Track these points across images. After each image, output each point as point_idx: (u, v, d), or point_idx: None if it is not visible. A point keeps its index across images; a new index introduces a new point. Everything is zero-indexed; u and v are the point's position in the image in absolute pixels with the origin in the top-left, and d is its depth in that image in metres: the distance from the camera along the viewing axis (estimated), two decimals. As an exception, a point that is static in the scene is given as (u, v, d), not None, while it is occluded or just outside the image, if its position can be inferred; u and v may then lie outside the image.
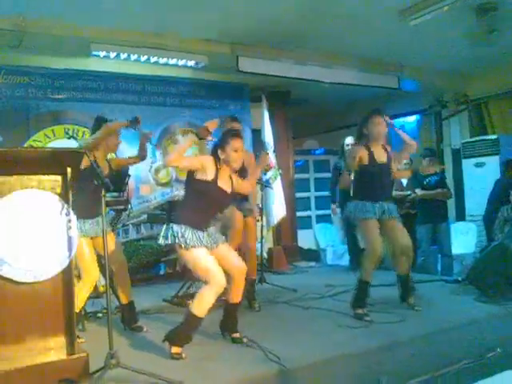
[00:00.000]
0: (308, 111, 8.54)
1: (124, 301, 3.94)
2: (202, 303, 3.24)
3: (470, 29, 5.24)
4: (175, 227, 3.29)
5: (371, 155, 4.10)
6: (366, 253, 4.11)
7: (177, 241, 3.26)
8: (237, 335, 3.56)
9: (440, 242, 6.26)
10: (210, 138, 3.47)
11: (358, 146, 4.18)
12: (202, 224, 3.35)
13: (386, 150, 4.22)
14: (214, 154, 3.45)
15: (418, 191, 6.30)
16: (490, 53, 6.38)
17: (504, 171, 6.62)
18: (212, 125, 3.49)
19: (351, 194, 4.37)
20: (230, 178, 3.53)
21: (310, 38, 5.79)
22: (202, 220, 3.37)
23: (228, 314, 3.60)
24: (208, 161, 3.40)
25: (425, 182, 6.36)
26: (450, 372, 3.31)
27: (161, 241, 3.35)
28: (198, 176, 3.37)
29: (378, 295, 4.66)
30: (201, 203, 3.37)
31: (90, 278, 3.64)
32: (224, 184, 3.45)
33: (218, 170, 3.40)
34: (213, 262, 3.28)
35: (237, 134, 3.51)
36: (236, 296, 3.54)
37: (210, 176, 3.36)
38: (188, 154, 3.52)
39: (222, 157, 3.42)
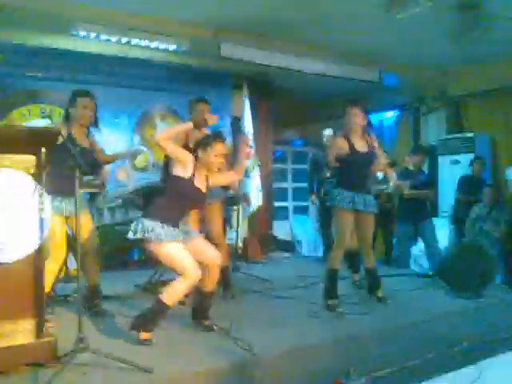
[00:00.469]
0: (289, 101, 8.52)
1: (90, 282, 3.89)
2: (174, 293, 3.24)
3: (452, 25, 5.27)
4: (146, 222, 3.25)
5: (351, 145, 4.11)
6: (336, 242, 4.16)
7: (146, 235, 3.21)
8: (208, 322, 3.56)
9: (427, 241, 6.13)
10: (204, 130, 3.43)
11: (338, 136, 4.22)
12: (173, 220, 3.32)
13: (366, 140, 4.23)
14: (194, 153, 3.41)
15: (406, 189, 6.10)
16: (471, 52, 6.45)
17: (472, 168, 6.75)
18: (212, 119, 3.45)
19: (334, 183, 4.37)
20: (206, 178, 3.48)
21: (293, 28, 5.77)
22: (175, 217, 3.34)
23: (200, 302, 3.60)
24: (189, 156, 3.36)
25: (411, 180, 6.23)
26: (417, 364, 3.37)
27: (129, 235, 3.29)
28: (176, 171, 3.33)
29: (348, 288, 4.74)
30: (175, 200, 3.34)
31: (57, 258, 3.60)
32: (200, 183, 3.40)
33: (195, 169, 3.36)
34: (186, 255, 3.26)
35: (222, 139, 3.45)
36: (210, 284, 3.53)
37: (188, 173, 3.32)
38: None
39: (201, 156, 3.37)
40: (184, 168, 3.32)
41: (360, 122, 4.14)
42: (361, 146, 4.17)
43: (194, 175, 3.35)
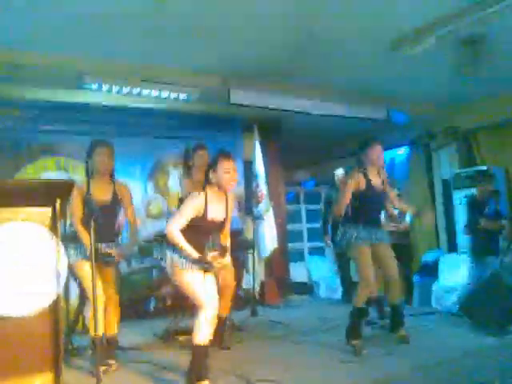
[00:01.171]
0: (299, 142, 8.59)
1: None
2: (199, 330, 3.20)
3: (457, 60, 5.32)
4: (170, 253, 3.30)
5: (368, 180, 4.11)
6: (359, 279, 4.08)
7: (174, 261, 3.25)
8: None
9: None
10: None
11: (355, 172, 4.17)
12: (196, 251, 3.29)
13: (380, 176, 4.23)
14: (205, 179, 3.41)
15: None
16: (478, 85, 6.49)
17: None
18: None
19: (344, 220, 4.28)
20: (226, 200, 3.47)
21: (298, 74, 5.88)
22: (196, 247, 3.29)
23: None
24: (199, 201, 3.33)
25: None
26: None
27: (163, 263, 3.38)
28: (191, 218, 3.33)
29: (370, 330, 4.63)
30: (194, 236, 3.30)
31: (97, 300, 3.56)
32: (215, 212, 3.38)
33: (206, 201, 3.33)
34: (205, 286, 3.27)
35: (227, 155, 3.46)
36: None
37: (200, 212, 3.32)
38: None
39: (212, 179, 3.37)
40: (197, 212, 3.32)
41: (381, 159, 4.15)
42: (376, 182, 4.16)
43: (206, 210, 3.32)
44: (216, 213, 3.40)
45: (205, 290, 3.26)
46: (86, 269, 3.50)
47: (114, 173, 3.94)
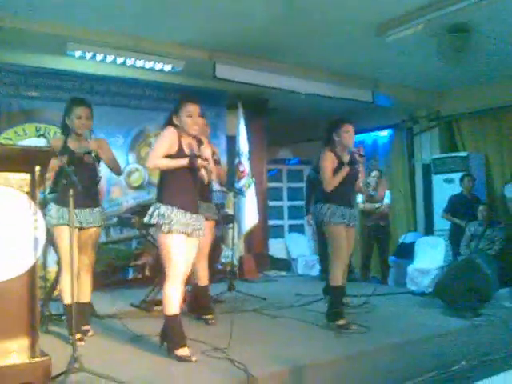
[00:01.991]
0: (284, 121, 8.58)
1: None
2: (169, 300, 3.23)
3: (441, 47, 5.35)
4: (162, 208, 3.24)
5: (340, 161, 4.12)
6: (335, 258, 4.09)
7: (161, 221, 3.20)
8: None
9: None
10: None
11: (328, 152, 4.16)
12: (188, 203, 3.29)
13: (351, 156, 4.21)
14: (170, 122, 3.35)
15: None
16: (462, 72, 6.55)
17: (461, 185, 6.81)
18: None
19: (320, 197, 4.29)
20: (198, 146, 3.40)
21: (286, 51, 5.85)
22: (188, 198, 3.30)
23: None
24: (172, 134, 3.29)
25: None
26: (415, 384, 3.34)
27: (146, 219, 3.28)
28: (166, 153, 3.27)
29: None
30: (180, 180, 3.28)
31: (67, 266, 3.53)
32: (191, 151, 3.34)
33: (180, 139, 3.30)
34: (182, 252, 3.26)
35: (191, 99, 3.42)
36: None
37: (173, 149, 3.27)
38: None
39: (176, 123, 3.33)
40: (171, 147, 3.27)
41: (351, 139, 4.16)
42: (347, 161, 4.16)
43: (181, 146, 3.29)
44: (191, 152, 3.33)
45: (182, 257, 3.25)
46: (63, 235, 3.49)
47: (91, 132, 3.77)
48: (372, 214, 6.75)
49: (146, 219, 3.31)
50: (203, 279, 4.45)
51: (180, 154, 3.28)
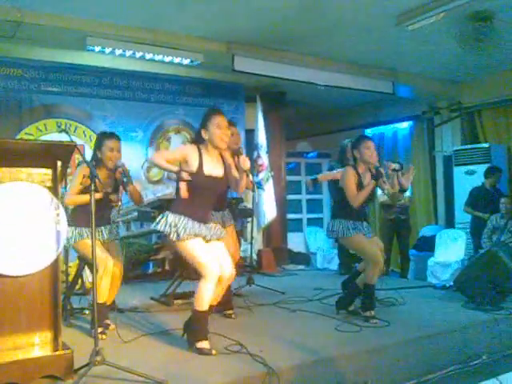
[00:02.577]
0: (302, 113, 8.54)
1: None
2: (202, 297, 3.23)
3: (463, 36, 5.25)
4: (170, 216, 3.25)
5: (359, 179, 4.14)
6: (369, 261, 4.09)
7: (167, 230, 3.21)
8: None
9: None
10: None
11: (350, 169, 4.17)
12: (199, 215, 3.29)
13: (370, 171, 4.23)
14: (198, 138, 3.35)
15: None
16: (485, 62, 6.43)
17: (486, 179, 6.68)
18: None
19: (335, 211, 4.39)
20: (222, 159, 3.42)
21: (306, 41, 5.80)
22: (200, 211, 3.31)
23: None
24: (189, 150, 3.30)
25: None
26: (435, 378, 3.31)
27: (154, 225, 3.32)
28: (184, 168, 3.27)
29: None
30: (194, 195, 3.28)
31: (106, 270, 3.68)
32: (212, 169, 3.32)
33: (201, 157, 3.27)
34: (206, 252, 3.25)
35: (218, 111, 3.38)
36: (214, 299, 3.40)
37: (194, 166, 3.25)
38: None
39: (205, 137, 3.30)
40: (187, 163, 3.26)
41: (374, 156, 4.13)
42: (367, 179, 4.17)
43: (201, 165, 3.27)
44: (213, 169, 3.32)
45: (206, 255, 3.24)
46: (89, 244, 3.53)
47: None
48: (392, 207, 6.68)
49: (153, 225, 3.34)
50: None
51: (200, 172, 3.26)
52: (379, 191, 5.92)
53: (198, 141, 3.35)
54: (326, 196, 9.16)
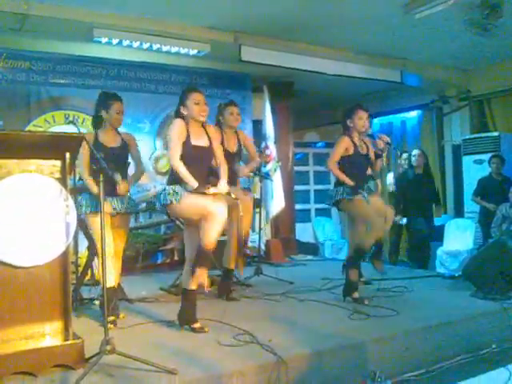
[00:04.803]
0: (310, 103, 8.50)
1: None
2: (208, 235, 3.30)
3: (472, 23, 5.20)
4: (167, 187, 3.44)
5: (355, 146, 4.25)
6: (368, 225, 4.18)
7: (169, 198, 3.38)
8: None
9: None
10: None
11: (344, 137, 4.30)
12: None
13: (365, 142, 4.36)
14: (178, 115, 3.53)
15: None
16: (493, 49, 6.36)
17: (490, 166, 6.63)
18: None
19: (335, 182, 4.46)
20: (206, 133, 3.59)
21: (313, 30, 5.76)
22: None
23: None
24: (180, 127, 3.46)
25: None
26: (444, 367, 3.31)
27: (157, 205, 3.49)
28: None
29: (372, 289, 4.69)
30: (187, 166, 3.42)
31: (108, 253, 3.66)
32: (198, 140, 3.52)
33: (188, 130, 3.47)
34: (206, 201, 3.35)
35: (194, 88, 3.63)
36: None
37: (182, 138, 3.44)
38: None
39: (185, 113, 3.50)
40: (181, 137, 3.45)
41: (366, 125, 4.26)
42: (362, 147, 4.31)
43: (188, 136, 3.46)
44: (199, 140, 3.52)
45: (207, 202, 3.33)
46: (97, 221, 3.55)
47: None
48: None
49: (157, 205, 3.49)
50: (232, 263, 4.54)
51: (188, 142, 3.45)
52: (389, 180, 5.84)
53: (179, 117, 3.52)
54: (334, 186, 9.13)
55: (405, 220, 6.49)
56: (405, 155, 6.71)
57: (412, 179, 6.45)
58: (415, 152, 6.52)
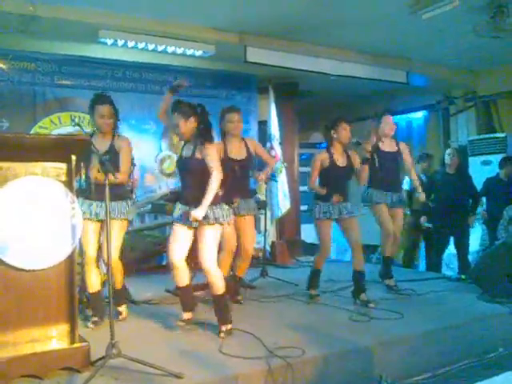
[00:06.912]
0: (315, 104, 8.48)
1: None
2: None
3: (479, 23, 5.17)
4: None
5: (331, 159, 4.41)
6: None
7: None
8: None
9: None
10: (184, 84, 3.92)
11: (322, 152, 4.52)
12: (184, 195, 3.61)
13: (347, 153, 4.48)
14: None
15: None
16: (500, 49, 6.32)
17: (501, 169, 6.56)
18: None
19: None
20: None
21: (319, 31, 5.74)
22: (185, 192, 3.63)
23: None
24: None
25: None
26: (450, 371, 3.30)
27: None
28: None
29: (378, 292, 4.68)
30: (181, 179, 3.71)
31: (87, 260, 3.73)
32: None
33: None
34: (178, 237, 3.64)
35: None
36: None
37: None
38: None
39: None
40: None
41: (349, 136, 4.40)
42: (340, 159, 4.45)
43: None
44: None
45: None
46: (85, 229, 3.54)
47: (116, 127, 3.88)
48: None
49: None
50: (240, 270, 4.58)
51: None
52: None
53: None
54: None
55: (430, 225, 6.24)
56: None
57: (445, 180, 6.13)
58: (449, 151, 6.26)
